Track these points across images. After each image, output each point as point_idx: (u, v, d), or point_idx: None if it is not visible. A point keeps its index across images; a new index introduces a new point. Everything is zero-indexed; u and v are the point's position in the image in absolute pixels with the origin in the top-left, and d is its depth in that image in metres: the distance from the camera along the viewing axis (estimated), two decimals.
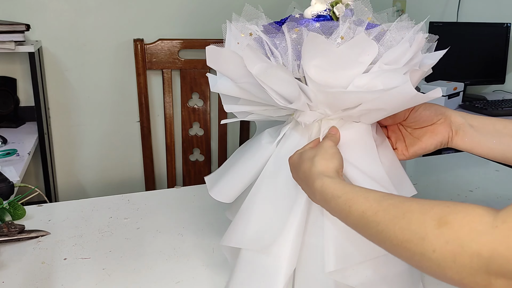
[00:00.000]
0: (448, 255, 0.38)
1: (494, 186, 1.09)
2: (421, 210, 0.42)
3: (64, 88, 1.99)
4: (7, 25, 1.60)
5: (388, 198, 0.46)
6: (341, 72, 0.59)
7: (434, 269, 0.39)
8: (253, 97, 0.67)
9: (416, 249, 0.40)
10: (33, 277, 0.73)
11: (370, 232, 0.46)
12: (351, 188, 0.50)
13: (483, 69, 2.23)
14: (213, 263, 0.78)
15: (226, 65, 0.65)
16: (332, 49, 0.58)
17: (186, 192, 1.06)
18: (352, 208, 0.48)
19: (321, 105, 0.62)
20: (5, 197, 0.95)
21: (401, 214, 0.43)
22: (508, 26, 2.18)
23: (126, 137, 2.13)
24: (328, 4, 0.65)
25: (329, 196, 0.51)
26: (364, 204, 0.47)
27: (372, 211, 0.46)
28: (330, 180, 0.53)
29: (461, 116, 0.67)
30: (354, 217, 0.48)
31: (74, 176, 2.10)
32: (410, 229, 0.41)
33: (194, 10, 2.08)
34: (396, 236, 0.42)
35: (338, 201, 0.50)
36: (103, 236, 0.86)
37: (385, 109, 0.61)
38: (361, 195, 0.48)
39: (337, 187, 0.52)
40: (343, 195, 0.50)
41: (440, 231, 0.39)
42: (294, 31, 0.62)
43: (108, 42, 2.00)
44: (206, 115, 2.03)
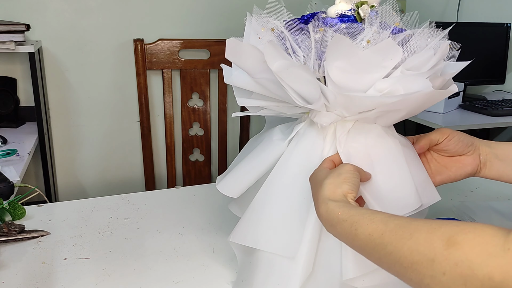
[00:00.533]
0: (458, 278, 0.37)
1: (494, 186, 1.09)
2: (428, 230, 0.40)
3: (64, 88, 1.99)
4: (7, 25, 1.60)
5: (394, 219, 0.45)
6: (363, 76, 0.59)
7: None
8: (268, 93, 0.66)
9: (426, 272, 0.39)
10: (33, 277, 0.73)
11: (378, 255, 0.44)
12: (356, 211, 0.49)
13: (483, 69, 2.23)
14: (213, 263, 0.78)
15: (245, 58, 0.63)
16: (357, 52, 0.57)
17: (186, 192, 1.06)
18: (358, 231, 0.47)
19: (338, 106, 0.61)
20: (5, 197, 0.95)
21: (408, 235, 0.42)
22: (508, 26, 2.18)
23: (126, 137, 2.13)
24: (353, 4, 0.64)
25: (334, 221, 0.50)
26: (370, 226, 0.46)
27: (378, 233, 0.44)
28: (335, 204, 0.52)
29: (487, 146, 0.67)
30: (361, 240, 0.46)
31: (74, 176, 2.10)
32: (418, 250, 0.40)
33: (194, 10, 2.08)
34: (405, 258, 0.41)
35: (343, 225, 0.49)
36: (103, 236, 0.86)
37: (401, 110, 0.60)
38: (366, 217, 0.47)
39: (342, 210, 0.50)
40: (349, 218, 0.49)
41: (449, 252, 0.38)
42: (318, 31, 0.61)
43: (108, 42, 2.00)
44: (206, 115, 2.03)
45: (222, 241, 0.84)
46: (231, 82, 0.68)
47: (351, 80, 0.59)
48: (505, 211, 0.97)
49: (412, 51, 0.61)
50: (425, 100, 0.59)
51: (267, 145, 0.70)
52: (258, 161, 0.69)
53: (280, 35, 0.64)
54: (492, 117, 1.91)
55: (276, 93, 0.64)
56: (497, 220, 0.91)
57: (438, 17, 2.38)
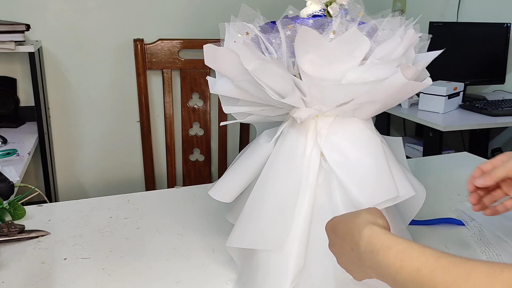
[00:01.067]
0: None
1: None
2: (488, 272, 0.36)
3: (64, 88, 1.99)
4: (7, 25, 1.60)
5: (447, 256, 0.40)
6: (334, 67, 0.61)
7: None
8: (250, 97, 0.68)
9: None
10: (33, 277, 0.73)
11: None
12: (404, 240, 0.44)
13: (483, 69, 2.23)
14: (213, 263, 0.78)
15: (224, 63, 0.65)
16: (325, 43, 0.59)
17: (186, 192, 1.06)
18: (404, 263, 0.41)
19: (315, 101, 0.63)
20: (5, 197, 0.95)
21: (465, 276, 0.37)
22: (508, 26, 2.18)
23: (126, 137, 2.13)
24: (323, 4, 0.66)
25: (377, 247, 0.45)
26: (420, 259, 0.41)
27: (428, 269, 0.39)
28: (380, 230, 0.46)
29: None
30: (406, 274, 0.41)
31: (74, 176, 2.10)
32: None
33: (194, 10, 2.09)
34: None
35: (388, 252, 0.43)
36: (103, 236, 0.86)
37: (378, 101, 0.62)
38: (416, 249, 0.42)
39: (388, 237, 0.45)
40: (395, 246, 0.43)
41: None
42: (288, 28, 0.63)
43: (108, 42, 2.00)
44: (206, 115, 2.03)
45: (222, 241, 0.83)
46: (216, 92, 0.70)
47: (323, 72, 0.61)
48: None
49: (381, 42, 0.63)
50: (398, 89, 0.60)
51: (254, 149, 0.72)
52: (247, 164, 0.71)
53: (255, 39, 0.66)
54: (492, 117, 1.91)
55: (257, 95, 0.66)
56: (497, 220, 0.91)
57: (438, 17, 2.38)
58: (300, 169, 0.65)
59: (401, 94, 0.62)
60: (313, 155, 0.65)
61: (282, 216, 0.65)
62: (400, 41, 0.62)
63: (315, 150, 0.65)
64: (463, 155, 1.36)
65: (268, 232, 0.65)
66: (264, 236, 0.65)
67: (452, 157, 1.36)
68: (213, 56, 0.65)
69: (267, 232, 0.65)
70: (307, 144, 0.66)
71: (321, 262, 0.64)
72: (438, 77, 1.99)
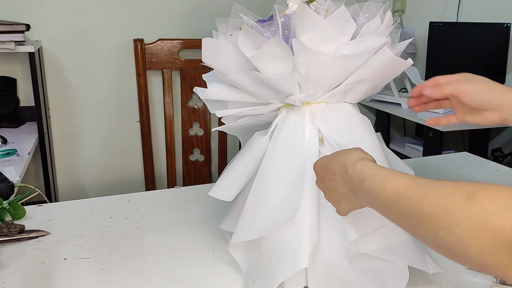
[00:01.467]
0: (471, 229, 0.37)
1: None
2: (452, 186, 0.42)
3: (64, 88, 1.99)
4: (7, 25, 1.60)
5: (423, 178, 0.46)
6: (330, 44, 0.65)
7: (457, 245, 0.39)
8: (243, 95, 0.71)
9: (442, 223, 0.40)
10: (33, 277, 0.73)
11: (400, 208, 0.45)
12: (389, 170, 0.51)
13: (483, 69, 2.22)
14: (213, 263, 0.78)
15: (221, 56, 0.68)
16: (320, 20, 0.63)
17: (186, 192, 1.06)
18: (386, 185, 0.48)
19: (311, 83, 0.66)
20: (5, 197, 0.95)
21: (432, 190, 0.43)
22: (508, 26, 2.18)
23: (126, 137, 2.13)
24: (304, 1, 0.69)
25: (366, 175, 0.52)
26: (399, 181, 0.47)
27: (405, 187, 0.46)
28: (369, 163, 0.54)
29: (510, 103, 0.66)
30: (387, 194, 0.48)
31: (74, 176, 2.10)
32: (438, 203, 0.41)
33: (194, 10, 2.08)
34: (425, 210, 0.42)
35: (374, 179, 0.50)
36: (103, 236, 0.86)
37: (368, 79, 0.66)
38: (397, 174, 0.49)
39: (375, 168, 0.52)
40: (379, 173, 0.50)
41: (467, 204, 0.39)
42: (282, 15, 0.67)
43: (108, 42, 2.00)
44: (206, 115, 2.03)
45: (222, 241, 0.84)
46: (207, 97, 0.74)
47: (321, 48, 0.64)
48: None
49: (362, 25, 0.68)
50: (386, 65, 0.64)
51: (249, 145, 0.74)
52: (244, 160, 0.73)
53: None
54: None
55: (251, 89, 0.69)
56: None
57: (438, 17, 2.38)
58: (302, 151, 0.68)
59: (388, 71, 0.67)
60: (312, 139, 0.69)
61: (289, 197, 0.66)
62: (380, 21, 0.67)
63: (313, 133, 0.69)
64: (463, 155, 1.36)
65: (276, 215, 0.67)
66: (272, 220, 0.67)
67: (452, 157, 1.36)
68: (211, 49, 0.68)
69: (275, 215, 0.67)
70: (305, 126, 0.69)
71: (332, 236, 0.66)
72: None
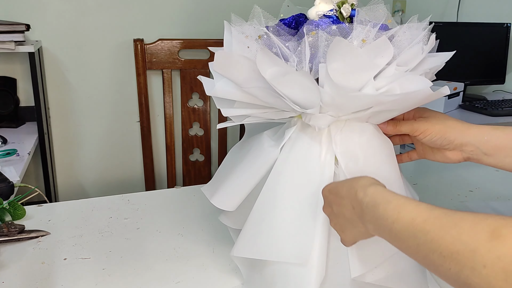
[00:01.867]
0: (500, 272, 0.35)
1: (494, 186, 1.09)
2: (474, 220, 0.39)
3: (64, 88, 1.99)
4: (7, 25, 1.60)
5: (441, 209, 0.43)
6: (358, 75, 0.59)
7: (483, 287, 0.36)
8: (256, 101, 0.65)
9: (466, 263, 0.37)
10: (33, 277, 0.73)
11: (417, 242, 0.42)
12: (403, 197, 0.48)
13: (483, 69, 2.23)
14: (213, 263, 0.78)
15: (235, 69, 0.63)
16: (355, 52, 0.57)
17: (186, 192, 1.06)
18: (401, 214, 0.45)
19: (333, 107, 0.61)
20: (5, 197, 0.95)
21: (453, 224, 0.40)
22: (508, 26, 2.18)
23: (126, 137, 2.13)
24: (335, 4, 0.64)
25: (378, 201, 0.49)
26: (414, 211, 0.44)
27: (422, 218, 0.43)
28: (382, 188, 0.51)
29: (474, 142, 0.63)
30: (402, 224, 0.45)
31: (74, 176, 2.10)
32: (461, 239, 0.38)
33: (194, 10, 2.08)
34: (446, 247, 0.39)
35: (387, 205, 0.47)
36: (103, 236, 0.86)
37: (396, 110, 0.61)
38: (412, 203, 0.46)
39: (389, 194, 0.49)
40: (394, 200, 0.47)
41: (492, 244, 0.36)
42: (310, 34, 0.61)
43: (108, 42, 2.00)
44: (206, 115, 2.03)
45: (222, 241, 0.83)
46: (214, 94, 0.67)
47: (348, 80, 0.58)
48: (505, 211, 0.97)
49: (398, 46, 0.61)
50: (421, 100, 0.59)
51: (259, 154, 0.69)
52: (252, 171, 0.68)
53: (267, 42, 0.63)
54: (492, 117, 1.91)
55: (267, 100, 0.63)
56: None
57: (438, 17, 2.38)
58: (315, 176, 0.63)
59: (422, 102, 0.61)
60: (328, 161, 0.63)
61: (302, 227, 0.62)
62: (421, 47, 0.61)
63: (329, 156, 0.63)
64: None
65: (284, 243, 0.63)
66: (282, 248, 0.63)
67: None
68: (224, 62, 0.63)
69: (284, 243, 0.63)
70: (322, 150, 0.64)
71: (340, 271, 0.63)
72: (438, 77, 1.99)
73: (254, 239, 0.65)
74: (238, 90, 0.65)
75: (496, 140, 0.62)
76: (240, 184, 0.69)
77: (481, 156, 0.63)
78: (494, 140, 0.62)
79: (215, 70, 0.64)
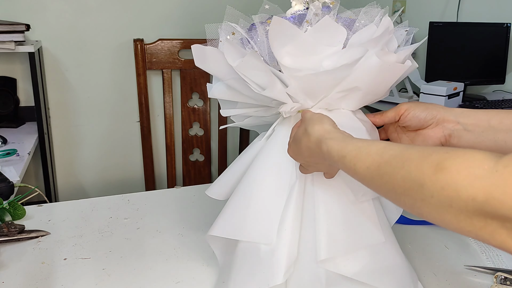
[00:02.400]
0: (445, 200, 0.39)
1: None
2: (419, 157, 0.42)
3: (64, 88, 1.99)
4: (7, 25, 1.60)
5: (389, 149, 0.47)
6: (311, 57, 0.62)
7: (434, 214, 0.40)
8: (243, 97, 0.69)
9: (417, 196, 0.41)
10: (33, 277, 0.73)
11: (376, 184, 0.47)
12: (353, 146, 0.51)
13: (483, 69, 2.22)
14: (213, 263, 0.77)
15: (211, 63, 0.67)
16: (299, 33, 0.60)
17: (186, 192, 1.06)
18: (357, 166, 0.49)
19: (299, 94, 0.64)
20: (5, 197, 0.95)
21: (401, 164, 0.44)
22: (508, 26, 2.18)
23: (126, 137, 2.13)
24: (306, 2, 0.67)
25: (335, 158, 0.52)
26: (367, 160, 0.48)
27: (375, 165, 0.47)
28: (332, 141, 0.54)
29: (455, 117, 0.65)
30: (360, 173, 0.49)
31: (74, 176, 2.10)
32: (410, 177, 0.42)
33: (194, 10, 2.08)
34: (399, 185, 0.43)
35: (344, 161, 0.51)
36: (103, 236, 0.86)
37: (360, 87, 0.63)
38: (363, 151, 0.49)
39: (340, 146, 0.52)
40: (348, 154, 0.51)
41: (437, 177, 0.39)
42: (267, 23, 0.64)
43: (108, 42, 2.00)
44: (206, 115, 2.03)
45: None
46: (213, 96, 0.71)
47: (301, 63, 0.62)
48: None
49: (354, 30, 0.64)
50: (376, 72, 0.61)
51: (249, 147, 0.74)
52: (240, 162, 0.73)
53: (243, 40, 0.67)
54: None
55: (247, 94, 0.67)
56: None
57: (438, 17, 2.38)
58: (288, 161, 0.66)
59: (382, 78, 0.63)
60: None
61: (273, 208, 0.64)
62: (376, 28, 0.63)
63: None
64: None
65: (257, 224, 0.65)
66: (253, 228, 0.65)
67: None
68: (201, 56, 0.67)
69: (257, 223, 0.65)
70: None
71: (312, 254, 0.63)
72: (438, 77, 1.99)
73: (230, 220, 0.67)
74: (227, 88, 0.69)
75: (475, 114, 0.65)
76: (230, 175, 0.74)
77: (461, 132, 0.64)
78: (473, 116, 0.65)
79: (197, 64, 0.68)
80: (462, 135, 0.64)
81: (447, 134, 0.65)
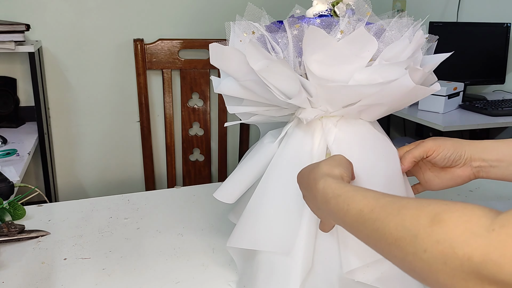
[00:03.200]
0: (439, 256, 0.36)
1: (494, 186, 1.09)
2: (417, 207, 0.40)
3: (64, 88, 1.99)
4: (7, 25, 1.60)
5: (386, 196, 0.45)
6: (341, 67, 0.60)
7: (426, 272, 0.37)
8: (256, 97, 0.67)
9: (409, 248, 0.38)
10: (33, 277, 0.73)
11: (366, 231, 0.44)
12: (352, 188, 0.49)
13: (483, 69, 2.22)
14: (213, 263, 0.78)
15: (229, 63, 0.65)
16: (332, 43, 0.58)
17: (186, 192, 1.06)
18: (350, 206, 0.46)
19: (322, 101, 0.62)
20: (5, 197, 0.95)
21: (397, 211, 0.41)
22: (508, 26, 2.18)
23: (126, 137, 2.13)
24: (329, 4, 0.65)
25: (329, 196, 0.50)
26: (362, 202, 0.45)
27: (369, 209, 0.44)
28: (332, 180, 0.52)
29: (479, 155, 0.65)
30: (352, 216, 0.46)
31: (74, 176, 2.10)
32: (404, 225, 0.39)
33: (194, 10, 2.09)
34: (390, 234, 0.40)
35: (338, 200, 0.49)
36: (103, 236, 0.86)
37: (384, 104, 0.62)
38: (360, 194, 0.47)
39: (338, 186, 0.50)
40: (343, 193, 0.49)
41: (432, 229, 0.37)
42: (295, 27, 0.62)
43: (108, 42, 2.00)
44: (206, 115, 2.03)
45: (222, 241, 0.83)
46: (220, 91, 0.69)
47: (331, 72, 0.60)
48: None
49: (388, 43, 0.62)
50: (406, 93, 0.60)
51: (258, 149, 0.71)
52: (250, 165, 0.71)
53: (261, 38, 0.65)
54: (492, 117, 1.91)
55: (263, 95, 0.65)
56: None
57: (438, 17, 2.38)
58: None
59: (408, 97, 0.62)
60: (319, 155, 0.65)
61: (288, 218, 0.63)
62: (409, 42, 0.61)
63: (321, 151, 0.65)
64: None
65: (273, 234, 0.64)
66: (269, 238, 0.64)
67: None
68: (219, 55, 0.64)
69: (272, 233, 0.64)
70: (313, 145, 0.65)
71: (327, 264, 0.63)
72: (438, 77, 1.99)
73: (246, 230, 0.67)
74: (239, 86, 0.67)
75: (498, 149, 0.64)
76: (239, 178, 0.72)
77: (488, 169, 0.65)
78: (496, 150, 0.64)
79: (213, 63, 0.66)
80: (489, 171, 0.65)
81: (475, 172, 0.66)
